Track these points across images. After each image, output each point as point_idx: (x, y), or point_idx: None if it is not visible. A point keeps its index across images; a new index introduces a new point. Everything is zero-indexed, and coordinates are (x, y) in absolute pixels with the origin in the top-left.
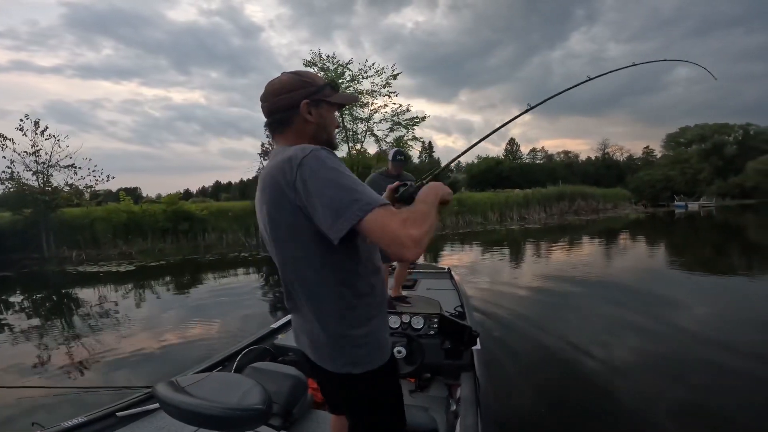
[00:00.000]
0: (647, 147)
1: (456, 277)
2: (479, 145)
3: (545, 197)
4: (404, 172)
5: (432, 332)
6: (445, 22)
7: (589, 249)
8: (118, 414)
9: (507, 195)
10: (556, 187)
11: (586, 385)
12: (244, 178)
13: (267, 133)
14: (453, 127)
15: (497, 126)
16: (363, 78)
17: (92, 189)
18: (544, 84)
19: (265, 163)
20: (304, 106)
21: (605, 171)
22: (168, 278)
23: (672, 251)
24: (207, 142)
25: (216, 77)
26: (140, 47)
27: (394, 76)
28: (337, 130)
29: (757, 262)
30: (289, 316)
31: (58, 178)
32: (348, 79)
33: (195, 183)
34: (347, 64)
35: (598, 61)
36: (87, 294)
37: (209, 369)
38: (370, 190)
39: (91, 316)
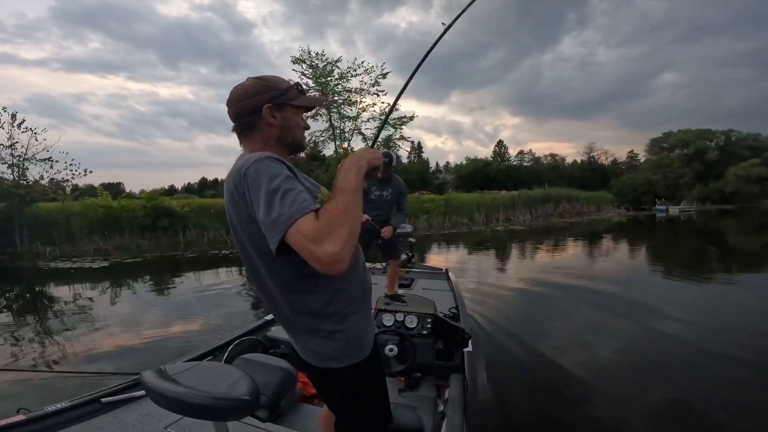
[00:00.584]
0: (631, 151)
1: (453, 279)
2: (468, 145)
3: (531, 199)
4: (395, 176)
5: (425, 332)
6: (438, 23)
7: (573, 252)
8: (103, 400)
9: (493, 196)
10: (542, 190)
11: (571, 389)
12: (220, 177)
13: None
14: (443, 128)
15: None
16: (352, 76)
17: (69, 183)
18: (534, 86)
19: None
20: (266, 110)
21: (590, 174)
22: (143, 275)
23: (654, 255)
24: (194, 138)
25: (206, 73)
26: (129, 41)
27: (384, 75)
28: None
29: (734, 266)
30: None
31: (34, 172)
32: (337, 76)
33: (181, 179)
34: (336, 61)
35: (588, 65)
36: (54, 291)
37: (199, 358)
38: (297, 195)
39: (55, 314)
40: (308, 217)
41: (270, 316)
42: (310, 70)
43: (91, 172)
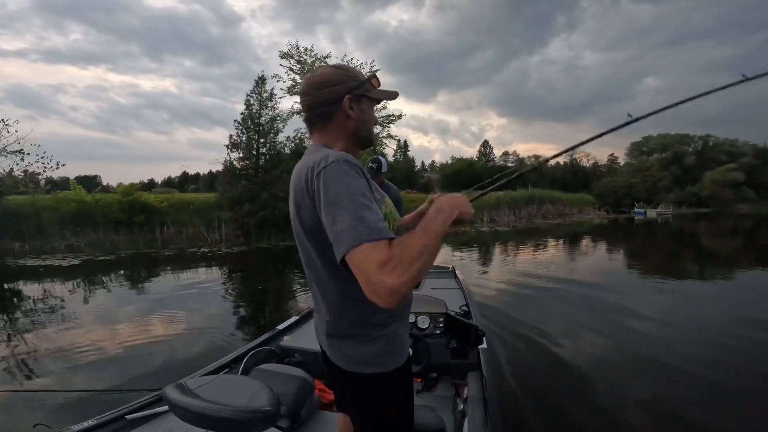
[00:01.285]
0: (612, 154)
1: (460, 276)
2: (454, 145)
3: (515, 200)
4: (387, 182)
5: (438, 332)
6: (429, 22)
7: (560, 253)
8: (127, 417)
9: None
10: (526, 191)
11: (595, 381)
12: (214, 170)
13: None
14: (430, 127)
15: (601, 132)
16: None
17: (42, 176)
18: (521, 88)
19: (232, 155)
20: (347, 100)
21: (572, 176)
22: (116, 275)
23: (637, 258)
24: (176, 132)
25: (190, 66)
26: (112, 33)
27: (373, 73)
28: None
29: (707, 267)
30: (294, 318)
31: (5, 164)
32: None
33: (161, 173)
34: (325, 57)
35: (573, 68)
36: (24, 290)
37: (216, 371)
38: (374, 216)
39: (16, 320)
40: (382, 243)
41: (282, 326)
42: (298, 66)
43: (63, 165)
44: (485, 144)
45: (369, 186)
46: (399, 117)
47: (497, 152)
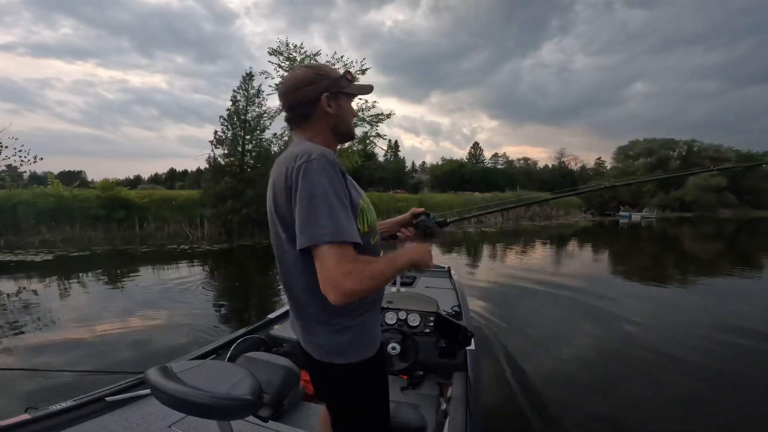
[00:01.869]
0: (599, 158)
1: (455, 277)
2: (445, 146)
3: (503, 202)
4: None
5: (427, 330)
6: (424, 23)
7: (547, 255)
8: (107, 398)
9: (467, 198)
10: (514, 193)
11: (572, 385)
12: (201, 167)
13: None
14: (421, 128)
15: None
16: None
17: (18, 169)
18: (513, 91)
19: (216, 151)
20: (324, 99)
21: (560, 179)
22: (86, 271)
23: (623, 261)
24: (165, 128)
25: (181, 62)
26: (103, 27)
27: (363, 71)
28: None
29: (690, 271)
30: (285, 308)
31: None
32: None
33: (149, 169)
34: (315, 55)
35: (565, 72)
36: None
37: (203, 356)
38: (345, 219)
39: None
40: (350, 250)
41: (273, 315)
42: (287, 63)
43: (41, 159)
44: (475, 146)
45: (346, 186)
46: (388, 116)
47: (487, 154)
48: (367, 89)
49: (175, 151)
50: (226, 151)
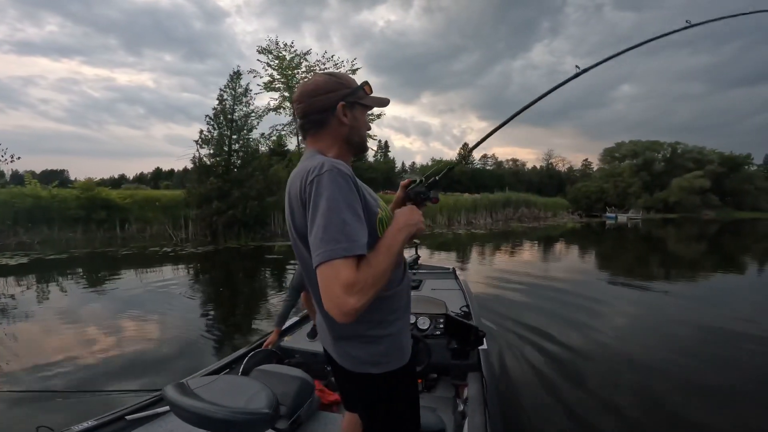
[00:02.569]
0: (586, 160)
1: (461, 277)
2: (435, 147)
3: (492, 203)
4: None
5: (438, 332)
6: (416, 24)
7: (543, 255)
8: (127, 417)
9: (456, 199)
10: (503, 194)
11: (594, 381)
12: (187, 167)
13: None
14: (412, 129)
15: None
16: (320, 70)
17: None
18: (503, 92)
19: (202, 151)
20: (340, 108)
21: (548, 180)
22: (64, 276)
23: (610, 262)
24: (151, 127)
25: (170, 61)
26: (90, 25)
27: (354, 71)
28: (363, 130)
29: (673, 271)
30: (294, 318)
31: None
32: (304, 69)
33: (134, 168)
34: (305, 54)
35: (554, 73)
36: None
37: (217, 371)
38: (355, 229)
39: None
40: (350, 262)
41: (283, 327)
42: (277, 62)
43: (18, 158)
44: (464, 146)
45: (359, 197)
46: (378, 116)
47: (476, 155)
48: (384, 102)
49: (161, 150)
50: (211, 151)
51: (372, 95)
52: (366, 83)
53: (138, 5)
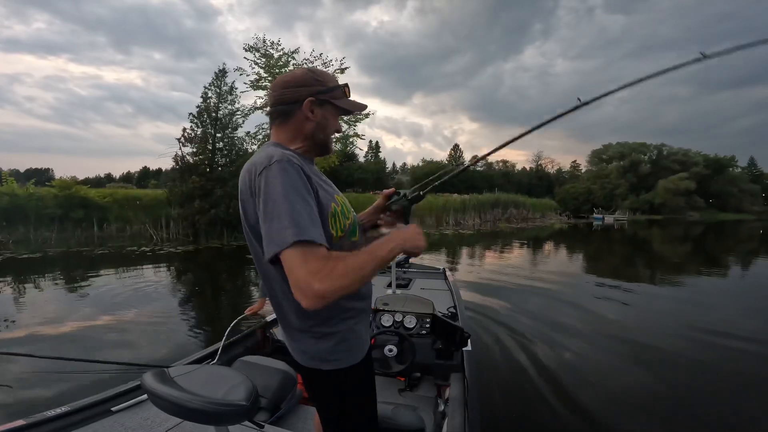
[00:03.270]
0: (575, 161)
1: (450, 278)
2: (426, 148)
3: (481, 203)
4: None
5: (424, 332)
6: (410, 25)
7: (533, 257)
8: (105, 404)
9: (445, 199)
10: (492, 195)
11: (574, 387)
12: (170, 167)
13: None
14: (403, 129)
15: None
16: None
17: None
18: (495, 94)
19: (184, 150)
20: (307, 103)
21: (537, 182)
22: (35, 275)
23: (613, 263)
24: (139, 126)
25: (160, 59)
26: (78, 22)
27: (342, 70)
28: (336, 135)
29: (657, 273)
30: None
31: None
32: (292, 68)
33: (121, 167)
34: (293, 52)
35: (545, 75)
36: None
37: (201, 360)
38: (308, 219)
39: None
40: (315, 249)
41: (270, 318)
42: (264, 60)
43: None
44: (455, 148)
45: (311, 186)
46: (367, 116)
47: (467, 156)
48: (360, 107)
49: (150, 149)
50: (194, 149)
51: (349, 99)
52: (345, 85)
53: (128, 3)
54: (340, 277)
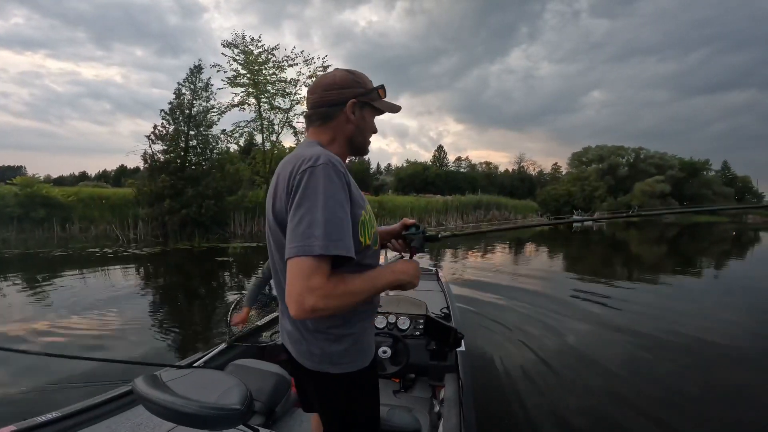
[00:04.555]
0: (556, 163)
1: (443, 279)
2: (412, 149)
3: (463, 205)
4: None
5: (418, 333)
6: (398, 26)
7: (515, 256)
8: (96, 409)
9: (428, 201)
10: (474, 196)
11: (569, 386)
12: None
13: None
14: (389, 130)
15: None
16: (288, 66)
17: None
18: (480, 96)
19: (154, 147)
20: (350, 105)
21: (519, 183)
22: None
23: (594, 263)
24: (118, 123)
25: (141, 55)
26: (58, 18)
27: (324, 68)
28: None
29: (636, 269)
30: (274, 314)
31: None
32: (272, 65)
33: (97, 166)
34: (273, 49)
35: (530, 78)
36: None
37: (193, 364)
38: (341, 232)
39: None
40: (324, 261)
41: (262, 321)
42: (243, 56)
43: None
44: (439, 149)
45: (350, 196)
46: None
47: (451, 158)
48: (396, 108)
49: (128, 146)
50: (165, 147)
51: (385, 100)
52: (381, 86)
53: None
54: (336, 298)
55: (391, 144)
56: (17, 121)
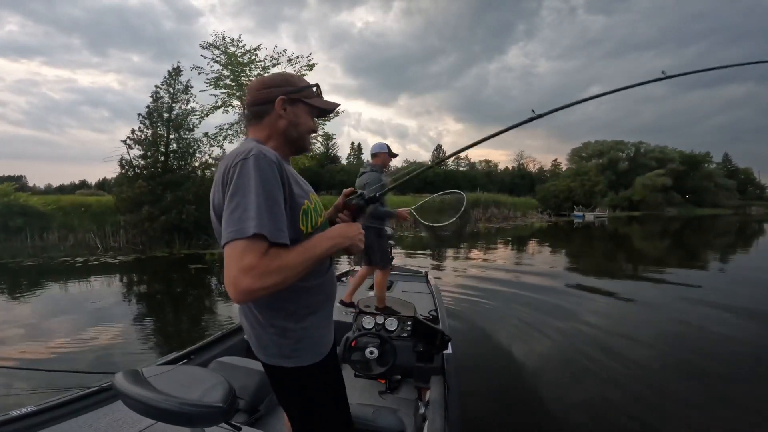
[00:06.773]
0: (555, 160)
1: (432, 282)
2: (412, 149)
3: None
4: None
5: (405, 334)
6: (395, 26)
7: (513, 257)
8: (73, 404)
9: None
10: (473, 194)
11: (547, 388)
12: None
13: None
14: (389, 131)
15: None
16: (273, 66)
17: None
18: (479, 94)
19: (131, 153)
20: (279, 101)
21: (519, 181)
22: None
23: (595, 262)
24: (117, 130)
25: (138, 61)
26: (52, 24)
27: (310, 67)
28: (314, 135)
29: (638, 269)
30: None
31: None
32: (254, 67)
33: (97, 174)
34: (255, 49)
35: (528, 75)
36: None
37: (177, 360)
38: (272, 217)
39: None
40: (256, 243)
41: None
42: (224, 57)
43: None
44: (438, 148)
45: (285, 185)
46: (336, 114)
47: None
48: (331, 105)
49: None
50: (143, 152)
51: (319, 97)
52: (316, 85)
53: (104, 3)
54: (272, 275)
55: (391, 145)
56: (16, 129)
